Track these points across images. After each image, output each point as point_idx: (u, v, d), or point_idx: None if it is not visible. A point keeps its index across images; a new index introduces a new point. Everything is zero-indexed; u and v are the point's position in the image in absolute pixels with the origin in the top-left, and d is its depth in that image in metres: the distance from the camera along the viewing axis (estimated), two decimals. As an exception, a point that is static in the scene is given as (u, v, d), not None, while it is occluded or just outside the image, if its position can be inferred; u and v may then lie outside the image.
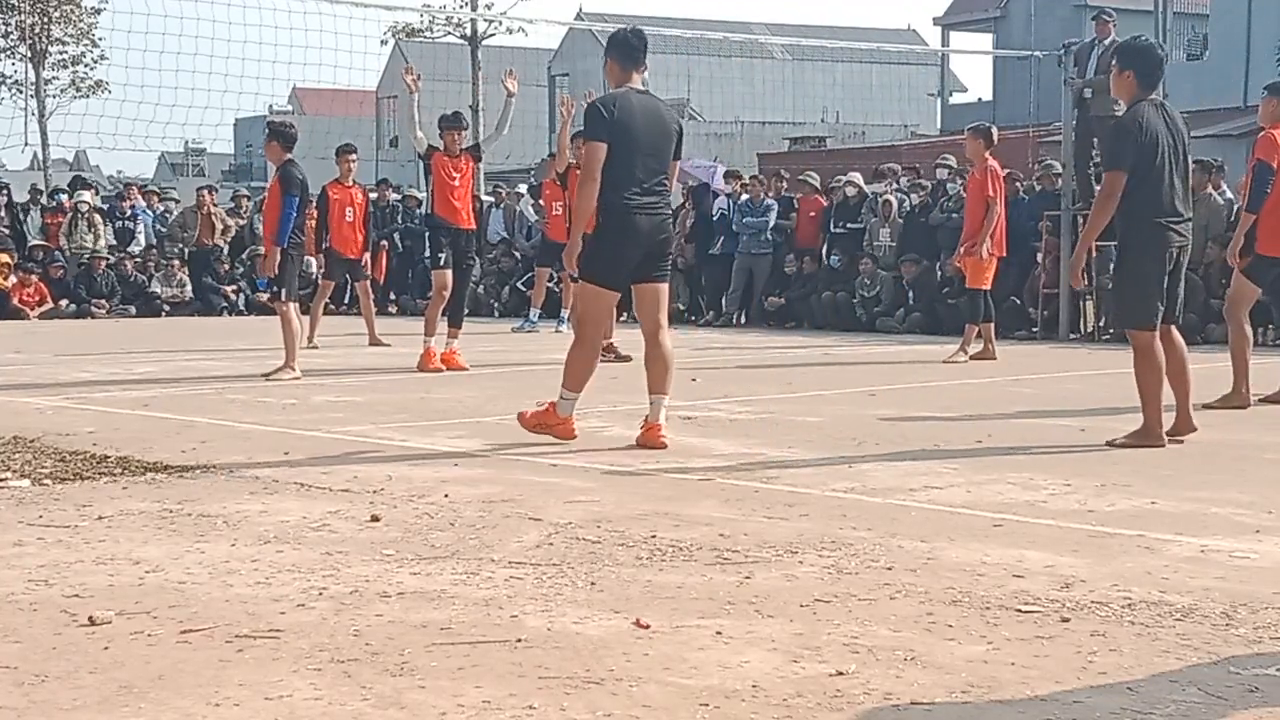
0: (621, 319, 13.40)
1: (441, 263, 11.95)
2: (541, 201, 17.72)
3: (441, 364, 11.75)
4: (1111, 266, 15.89)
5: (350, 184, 14.74)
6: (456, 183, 12.02)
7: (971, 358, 12.75)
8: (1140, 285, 7.30)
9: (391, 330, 15.39)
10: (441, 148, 12.19)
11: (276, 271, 10.96)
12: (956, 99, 48.72)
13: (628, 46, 7.46)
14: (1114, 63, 7.43)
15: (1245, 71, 34.10)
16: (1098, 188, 16.14)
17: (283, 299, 11.04)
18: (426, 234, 13.13)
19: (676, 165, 7.48)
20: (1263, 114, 9.78)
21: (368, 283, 15.67)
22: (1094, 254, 16.10)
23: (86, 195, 22.84)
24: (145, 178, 54.32)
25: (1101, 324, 16.20)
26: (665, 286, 7.48)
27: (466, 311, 11.89)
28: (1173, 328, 7.52)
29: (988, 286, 13.08)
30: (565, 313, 17.25)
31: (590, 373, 7.42)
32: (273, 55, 29.99)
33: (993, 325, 13.24)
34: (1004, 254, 13.29)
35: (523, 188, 23.78)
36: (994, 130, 13.25)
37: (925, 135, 39.06)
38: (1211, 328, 15.19)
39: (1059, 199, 16.30)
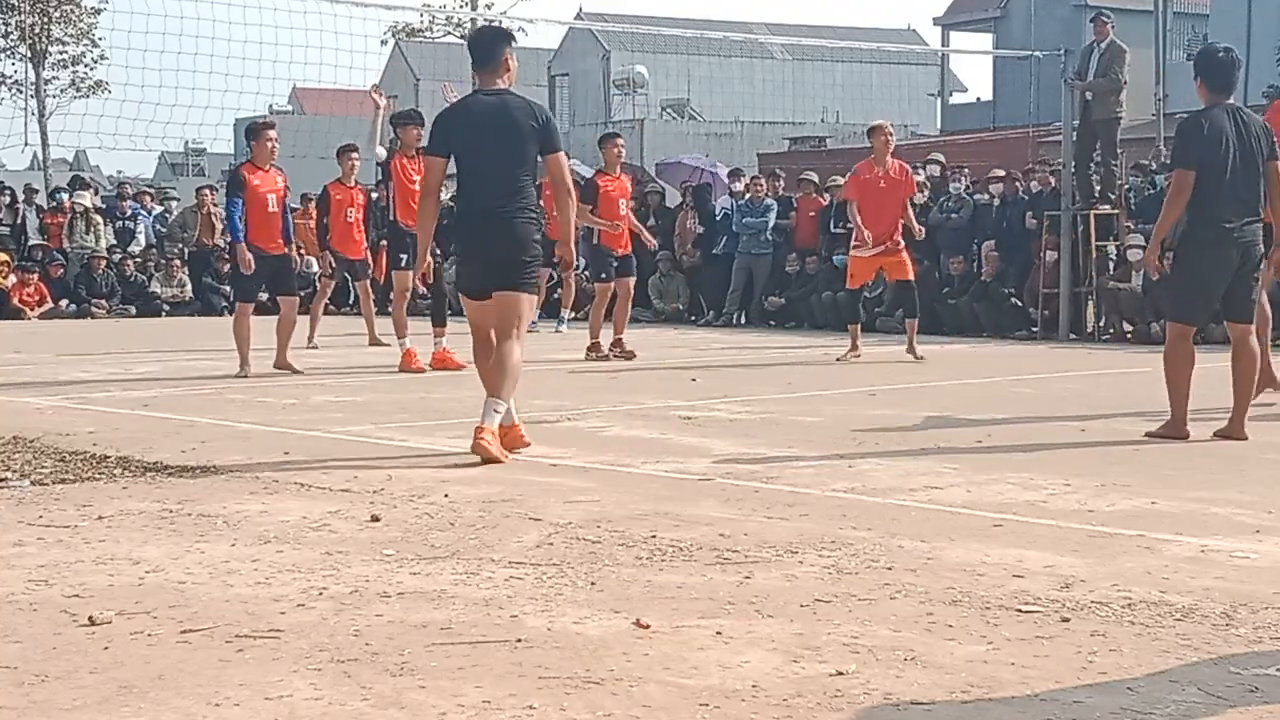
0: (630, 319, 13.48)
1: (403, 264, 11.98)
2: (541, 202, 17.67)
3: (427, 365, 11.79)
4: (1112, 266, 15.94)
5: (352, 184, 14.72)
6: (417, 185, 11.92)
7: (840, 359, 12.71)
8: (1191, 281, 7.40)
9: (391, 330, 15.37)
10: (399, 147, 12.14)
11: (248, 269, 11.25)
12: (956, 99, 48.71)
13: (475, 49, 7.21)
14: (1193, 72, 7.60)
15: (1245, 71, 34.10)
16: (1098, 189, 16.29)
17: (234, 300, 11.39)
18: (388, 240, 13.12)
19: (556, 159, 7.10)
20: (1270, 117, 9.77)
21: (368, 282, 15.66)
22: (1094, 254, 16.14)
23: (85, 196, 22.84)
24: (145, 177, 54.38)
25: (1101, 324, 16.20)
26: (518, 295, 6.96)
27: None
28: (1251, 332, 7.60)
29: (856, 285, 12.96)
30: (565, 313, 17.27)
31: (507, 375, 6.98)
32: (273, 55, 29.92)
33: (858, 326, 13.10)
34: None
35: None
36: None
37: (925, 135, 39.08)
38: (1212, 327, 15.18)
39: (1059, 199, 16.29)
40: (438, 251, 17.61)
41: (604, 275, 13.52)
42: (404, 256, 11.99)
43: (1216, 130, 7.29)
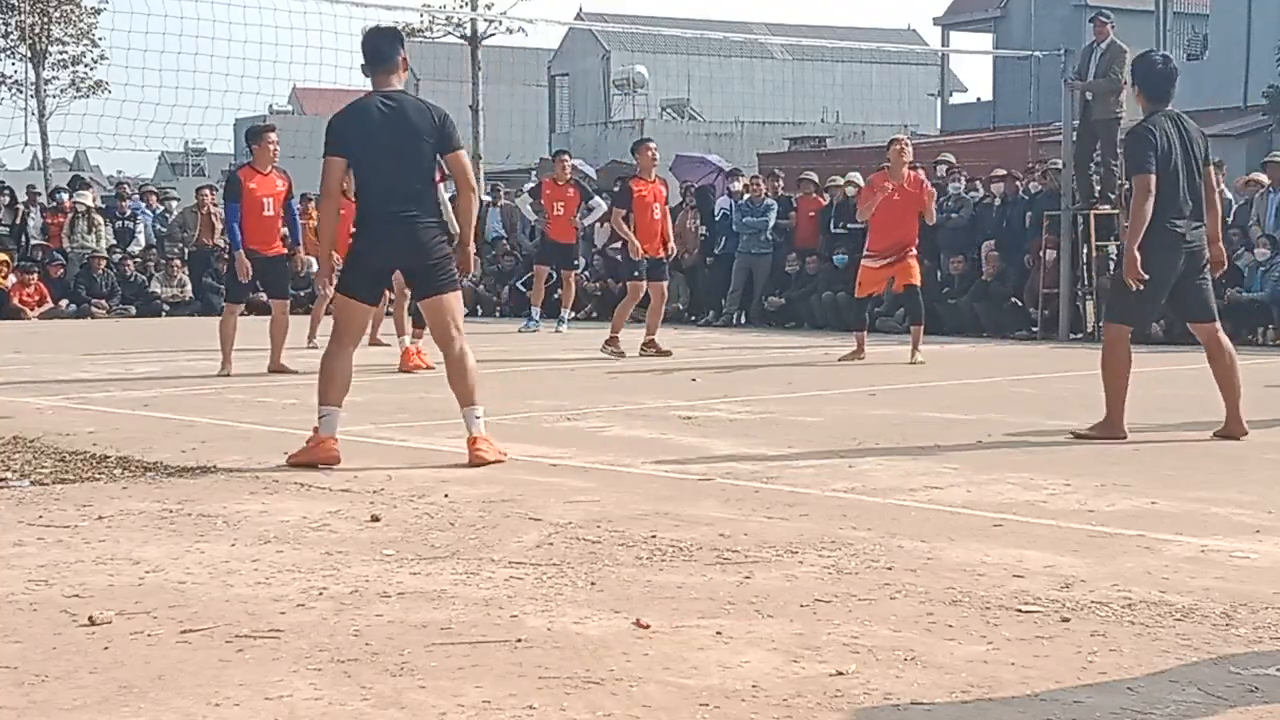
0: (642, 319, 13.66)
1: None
2: (541, 201, 17.72)
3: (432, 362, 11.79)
4: (1112, 265, 15.95)
5: None
6: None
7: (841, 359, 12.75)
8: (1144, 284, 7.43)
9: (391, 330, 15.37)
10: None
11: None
12: (956, 99, 48.71)
13: (368, 50, 7.04)
14: (1130, 79, 7.71)
15: (1245, 71, 34.09)
16: (1098, 189, 16.29)
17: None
18: None
19: (457, 158, 6.96)
20: None
21: None
22: (1095, 254, 16.14)
23: (86, 195, 22.84)
24: (145, 178, 54.32)
25: (1101, 324, 16.18)
26: (446, 297, 6.90)
27: (466, 311, 11.84)
28: (1218, 328, 7.70)
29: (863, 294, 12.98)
30: (565, 312, 17.28)
31: (342, 384, 6.86)
32: (273, 55, 29.90)
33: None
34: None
35: (528, 186, 23.82)
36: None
37: (925, 135, 39.08)
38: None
39: (1059, 199, 16.29)
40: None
41: (635, 274, 13.60)
42: None
43: (1165, 137, 7.45)
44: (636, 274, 13.54)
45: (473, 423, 6.81)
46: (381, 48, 7.00)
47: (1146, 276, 7.38)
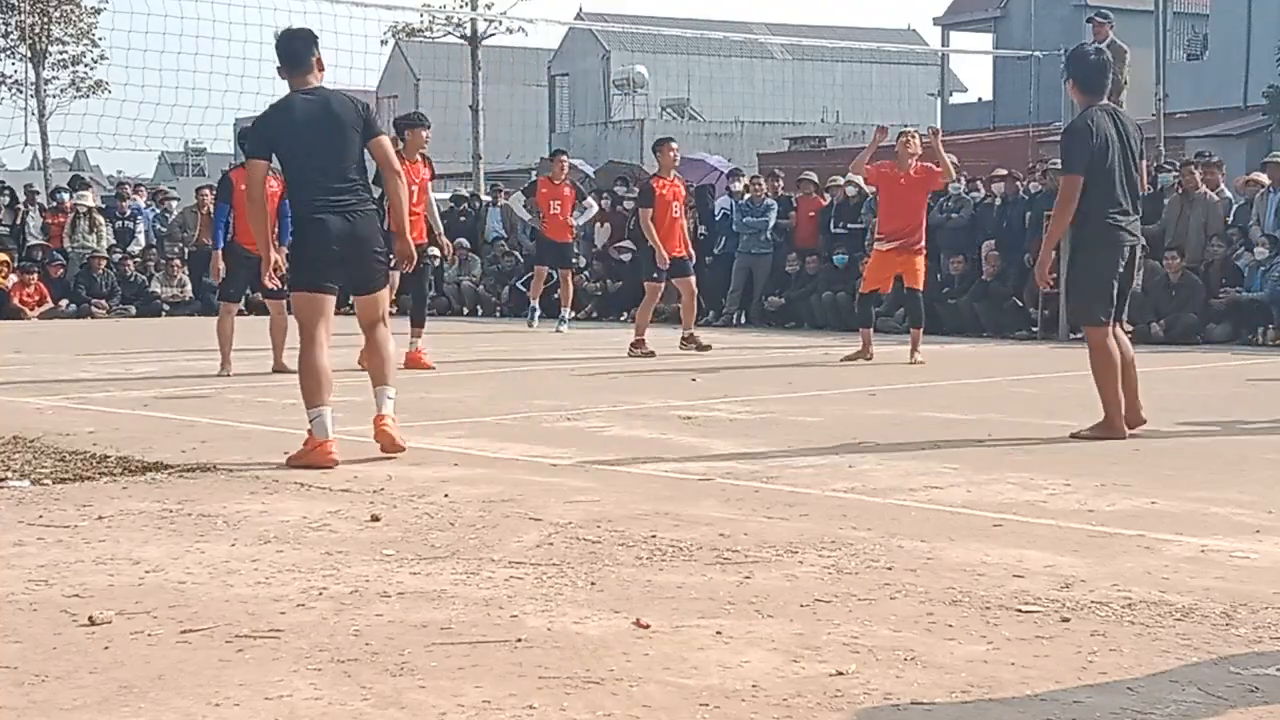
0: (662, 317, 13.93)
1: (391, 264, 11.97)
2: (537, 201, 17.72)
3: (410, 364, 11.81)
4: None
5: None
6: (414, 196, 11.91)
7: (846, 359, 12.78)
8: (1094, 283, 7.54)
9: (392, 330, 15.37)
10: (403, 149, 11.98)
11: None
12: (956, 99, 48.70)
13: (281, 51, 7.10)
14: (1064, 73, 7.71)
15: (1245, 71, 34.09)
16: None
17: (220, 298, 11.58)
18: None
19: (379, 142, 7.05)
20: None
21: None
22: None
23: (87, 195, 22.82)
24: (145, 177, 54.32)
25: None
26: (381, 293, 7.10)
27: (466, 311, 11.94)
28: (1119, 326, 7.76)
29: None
30: (565, 312, 17.30)
31: (325, 382, 6.86)
32: (273, 55, 29.84)
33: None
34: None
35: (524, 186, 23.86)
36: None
37: (926, 135, 38.95)
38: (1211, 328, 15.21)
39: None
40: (435, 253, 17.61)
41: (655, 275, 13.66)
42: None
43: (1103, 132, 7.44)
44: (656, 275, 13.63)
45: (384, 402, 6.94)
46: (296, 49, 7.07)
47: (1054, 278, 7.45)
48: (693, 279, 13.95)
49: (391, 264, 7.80)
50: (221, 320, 11.58)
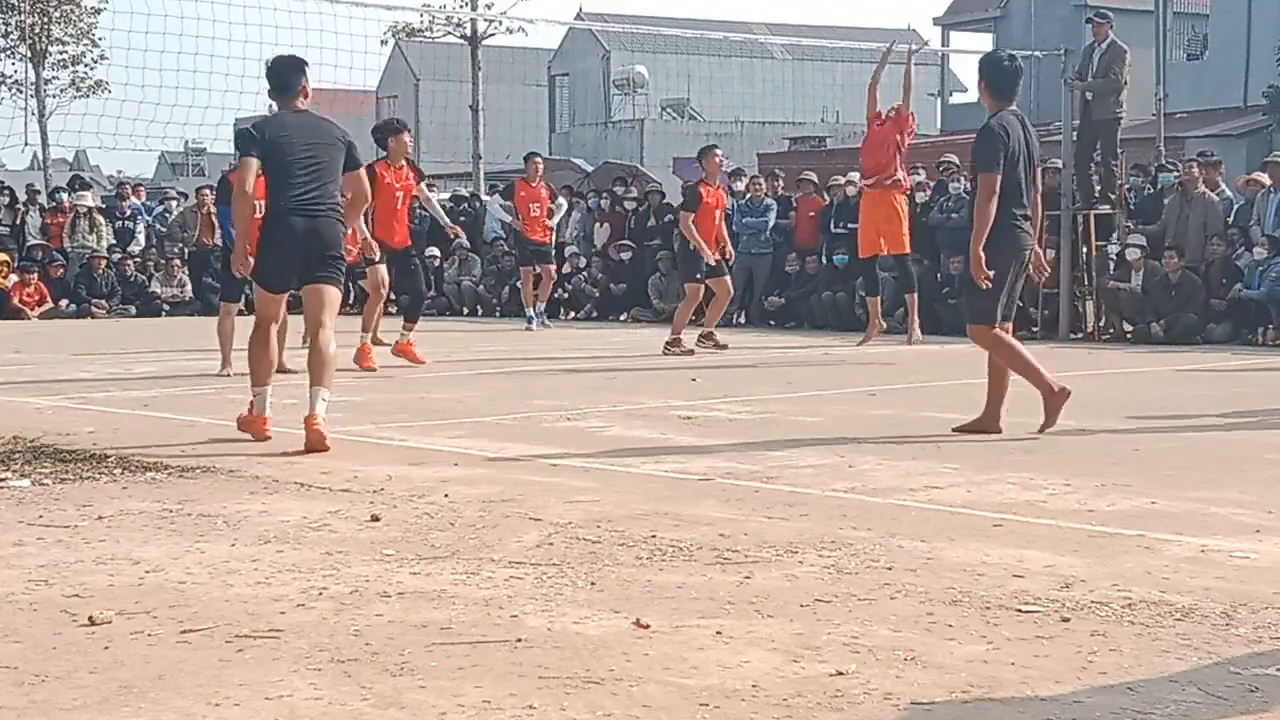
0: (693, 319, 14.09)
1: (376, 259, 12.00)
2: (515, 203, 17.77)
3: (399, 354, 12.01)
4: (1111, 266, 15.92)
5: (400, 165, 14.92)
6: (399, 201, 12.10)
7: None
8: (993, 283, 7.63)
9: (393, 330, 15.38)
10: (386, 156, 12.22)
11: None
12: (956, 99, 48.65)
13: (273, 79, 7.81)
14: (977, 77, 7.97)
15: (1245, 71, 34.10)
16: (1098, 189, 16.28)
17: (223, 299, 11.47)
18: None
19: (356, 175, 7.75)
20: None
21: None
22: (1094, 254, 16.14)
23: (87, 196, 22.80)
24: (145, 177, 54.30)
25: (1101, 324, 16.20)
26: (329, 288, 7.62)
27: (466, 311, 11.98)
28: (1009, 328, 7.91)
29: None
30: (540, 306, 17.64)
31: (269, 366, 7.74)
32: (273, 55, 29.89)
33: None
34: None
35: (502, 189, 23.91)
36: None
37: (926, 135, 39.06)
38: (1211, 328, 15.20)
39: (1059, 199, 16.28)
40: (434, 252, 17.74)
41: (697, 275, 13.98)
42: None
43: (1015, 134, 7.64)
44: (699, 275, 13.93)
45: (317, 402, 7.35)
46: (286, 77, 7.77)
47: (992, 274, 7.54)
48: (728, 279, 14.45)
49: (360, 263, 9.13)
50: (222, 320, 11.58)
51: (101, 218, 22.54)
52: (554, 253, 18.07)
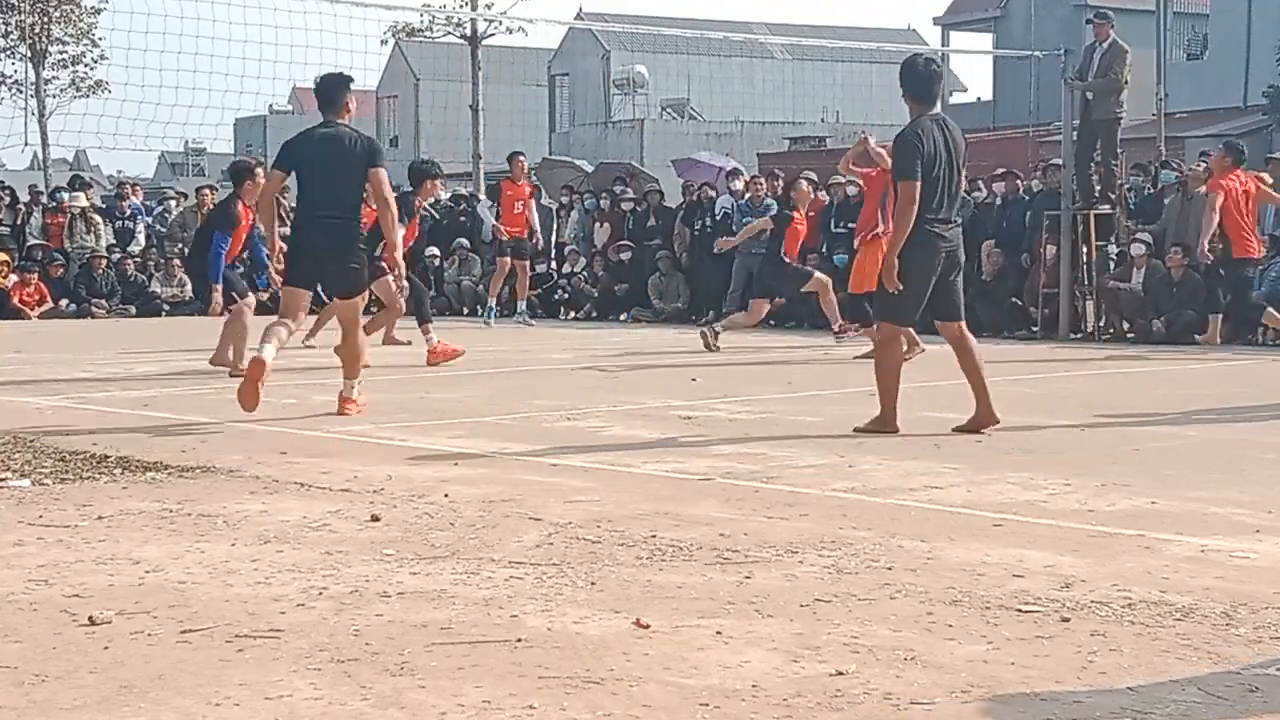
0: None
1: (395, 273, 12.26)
2: (500, 202, 17.85)
3: (438, 357, 12.20)
4: (1112, 266, 15.92)
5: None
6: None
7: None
8: (907, 284, 7.74)
9: (400, 328, 15.37)
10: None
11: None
12: (956, 99, 48.71)
13: (321, 95, 8.66)
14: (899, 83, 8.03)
15: (1245, 71, 34.12)
16: (1098, 189, 16.30)
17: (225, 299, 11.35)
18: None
19: (376, 173, 8.41)
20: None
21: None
22: (1094, 254, 16.14)
23: (80, 197, 22.63)
24: (145, 177, 54.30)
25: (1101, 324, 16.20)
26: (356, 300, 8.63)
27: (465, 310, 12.01)
28: (963, 325, 8.02)
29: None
30: (522, 304, 18.29)
31: (280, 343, 8.39)
32: (273, 55, 29.83)
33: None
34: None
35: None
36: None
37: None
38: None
39: (1059, 199, 16.28)
40: (434, 252, 17.94)
41: (781, 290, 14.88)
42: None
43: (930, 142, 7.70)
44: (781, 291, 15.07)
45: (350, 388, 8.66)
46: (333, 92, 8.62)
47: (900, 285, 7.67)
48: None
49: (379, 271, 10.25)
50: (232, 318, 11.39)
51: (99, 217, 22.51)
52: (529, 250, 18.28)
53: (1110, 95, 15.71)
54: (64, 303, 21.09)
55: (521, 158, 18.16)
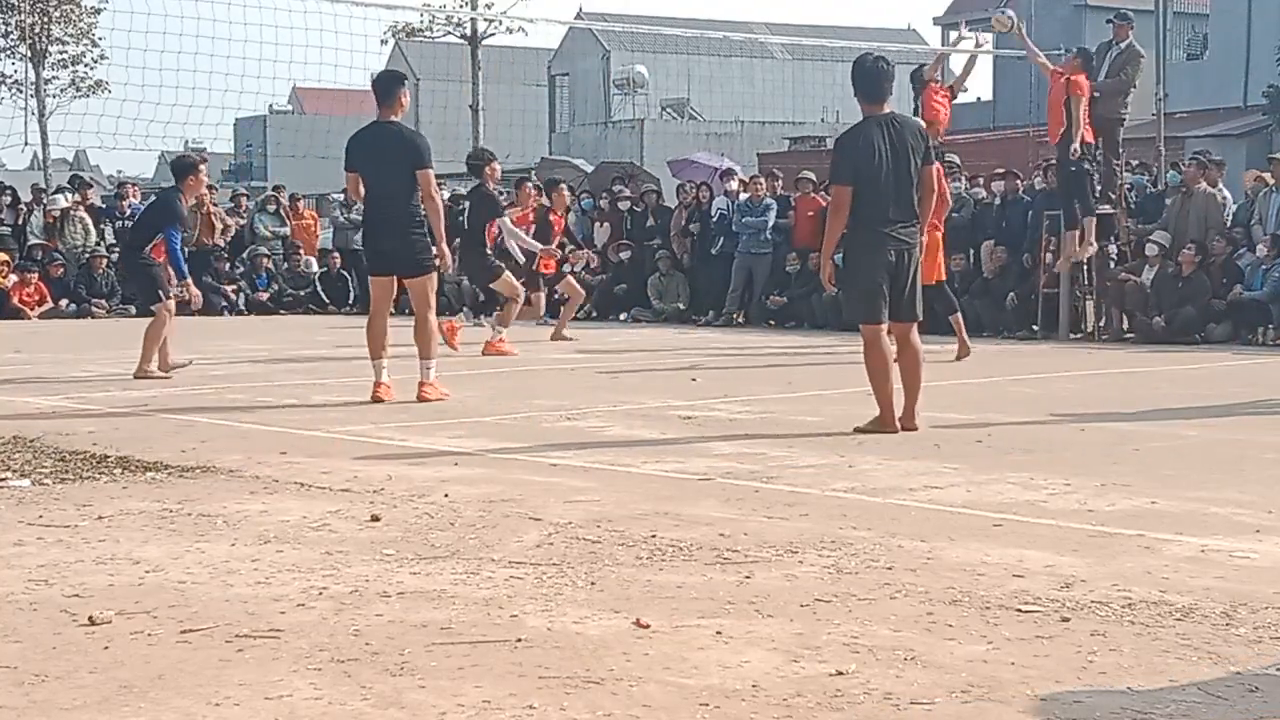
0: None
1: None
2: (538, 232, 17.72)
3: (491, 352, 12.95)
4: (1112, 265, 15.91)
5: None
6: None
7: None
8: (862, 285, 7.82)
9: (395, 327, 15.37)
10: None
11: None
12: (956, 99, 48.70)
13: (378, 90, 9.36)
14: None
15: (1245, 71, 34.10)
16: (1098, 188, 16.28)
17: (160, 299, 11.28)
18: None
19: (425, 174, 9.16)
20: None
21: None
22: (1095, 256, 16.12)
23: (59, 199, 22.46)
24: (145, 177, 54.29)
25: (1102, 323, 16.19)
26: (422, 278, 9.36)
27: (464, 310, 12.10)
28: (913, 327, 8.01)
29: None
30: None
31: (379, 342, 9.40)
32: (273, 55, 29.81)
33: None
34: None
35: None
36: None
37: (925, 135, 38.94)
38: (1211, 327, 15.20)
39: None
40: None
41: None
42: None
43: (868, 143, 7.69)
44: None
45: (425, 373, 9.38)
46: (389, 87, 9.32)
47: (834, 288, 7.91)
48: None
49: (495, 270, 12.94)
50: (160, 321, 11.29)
51: (87, 215, 22.37)
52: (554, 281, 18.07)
53: (1118, 95, 15.70)
54: (64, 302, 21.08)
55: (564, 187, 17.06)
